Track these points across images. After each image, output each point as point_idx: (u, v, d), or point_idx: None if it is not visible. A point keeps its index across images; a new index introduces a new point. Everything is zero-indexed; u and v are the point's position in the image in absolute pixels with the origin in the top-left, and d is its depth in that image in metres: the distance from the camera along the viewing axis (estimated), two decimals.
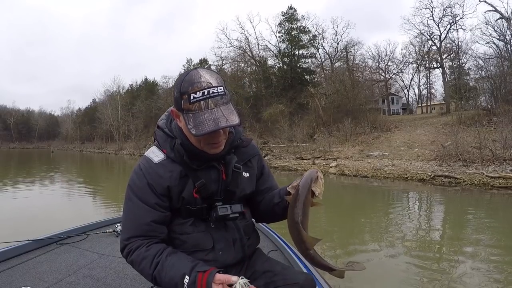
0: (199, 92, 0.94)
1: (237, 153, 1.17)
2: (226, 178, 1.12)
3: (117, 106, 56.58)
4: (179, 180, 1.07)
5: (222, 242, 1.11)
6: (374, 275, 4.13)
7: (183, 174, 1.07)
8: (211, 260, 1.08)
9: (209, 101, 0.94)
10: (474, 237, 5.63)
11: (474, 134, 14.87)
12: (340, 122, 23.23)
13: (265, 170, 1.29)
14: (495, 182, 10.66)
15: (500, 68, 21.24)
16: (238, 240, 1.15)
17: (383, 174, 14.16)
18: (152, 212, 1.04)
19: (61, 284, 1.66)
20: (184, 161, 1.06)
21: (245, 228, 1.19)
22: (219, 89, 0.95)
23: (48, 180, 14.82)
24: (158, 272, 0.99)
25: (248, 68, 36.12)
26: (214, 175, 1.10)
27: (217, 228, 1.12)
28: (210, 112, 0.94)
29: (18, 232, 2.59)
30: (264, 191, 1.26)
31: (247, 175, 1.19)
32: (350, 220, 7.27)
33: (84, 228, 2.61)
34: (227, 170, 1.12)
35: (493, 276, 3.89)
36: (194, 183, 1.07)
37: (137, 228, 1.05)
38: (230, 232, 1.14)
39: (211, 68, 1.08)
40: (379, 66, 37.03)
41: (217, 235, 1.11)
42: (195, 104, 0.94)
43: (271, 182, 1.30)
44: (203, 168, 1.09)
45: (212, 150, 1.05)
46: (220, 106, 0.95)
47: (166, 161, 1.08)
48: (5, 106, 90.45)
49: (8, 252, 1.96)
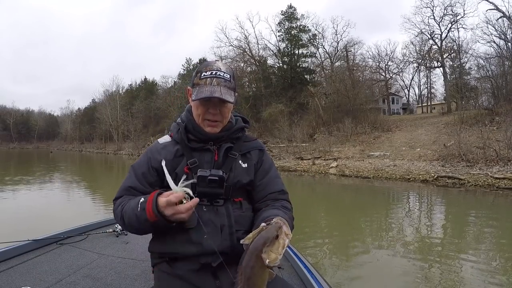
0: (209, 72, 1.15)
1: (237, 144, 1.24)
2: (218, 159, 1.19)
3: (116, 106, 56.62)
4: (175, 158, 1.18)
5: (209, 226, 1.10)
6: (375, 276, 4.12)
7: (180, 154, 1.19)
8: (195, 242, 1.09)
9: (214, 79, 1.13)
10: (475, 239, 5.62)
11: (476, 134, 14.70)
12: (340, 122, 23.22)
13: (265, 166, 1.26)
14: (500, 183, 10.47)
15: (501, 67, 21.23)
16: (226, 226, 1.12)
17: (385, 175, 14.02)
18: (134, 181, 1.19)
19: (61, 284, 1.67)
20: (183, 141, 1.20)
21: (238, 217, 1.16)
22: (225, 75, 1.15)
23: (48, 180, 14.81)
24: (124, 211, 1.11)
25: (248, 67, 36.08)
26: (207, 157, 1.19)
27: (208, 211, 1.13)
28: (211, 87, 1.12)
29: (18, 232, 2.57)
30: (259, 187, 1.22)
31: (244, 165, 1.22)
32: (351, 221, 7.24)
33: (84, 228, 2.61)
34: (219, 152, 1.20)
35: (494, 277, 3.88)
36: (187, 161, 1.17)
37: (121, 192, 1.20)
38: (219, 217, 1.13)
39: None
40: (379, 66, 37.14)
41: (205, 217, 1.11)
42: (203, 80, 1.15)
43: (270, 183, 1.24)
44: (198, 149, 1.19)
45: (208, 128, 1.18)
46: (221, 85, 1.13)
47: (170, 143, 1.24)
48: (5, 106, 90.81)
49: (8, 252, 1.97)
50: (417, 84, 43.69)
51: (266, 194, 1.22)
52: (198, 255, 1.09)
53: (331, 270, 4.29)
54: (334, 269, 4.33)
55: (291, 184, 13.77)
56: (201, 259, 1.09)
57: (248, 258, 0.75)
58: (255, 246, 0.75)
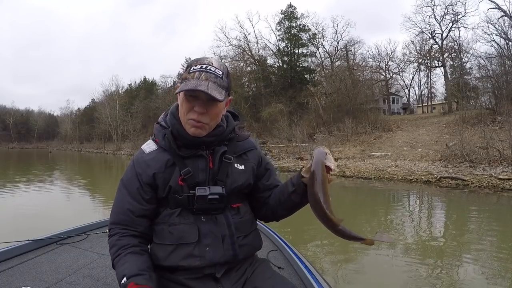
0: (199, 66, 1.05)
1: (230, 146, 1.17)
2: (213, 166, 1.11)
3: (116, 106, 56.62)
4: (166, 168, 1.09)
5: (210, 238, 1.07)
6: (375, 276, 4.10)
7: (171, 163, 1.10)
8: (198, 255, 1.05)
9: (203, 74, 1.03)
10: (476, 241, 5.57)
11: (479, 134, 14.51)
12: (340, 122, 23.21)
13: (269, 166, 1.27)
14: (505, 184, 10.23)
15: (502, 67, 21.21)
16: (227, 236, 1.09)
17: (386, 176, 13.78)
18: (131, 202, 1.09)
19: (61, 284, 1.65)
20: (173, 148, 1.10)
21: (238, 224, 1.13)
22: (217, 71, 1.04)
23: (47, 180, 14.79)
24: (115, 263, 1.04)
25: (247, 67, 36.08)
26: (202, 164, 1.11)
27: (207, 221, 1.08)
28: (198, 81, 1.02)
29: (18, 232, 2.55)
30: (271, 186, 1.23)
31: (241, 167, 1.17)
32: (351, 222, 7.20)
33: (84, 228, 2.60)
34: (214, 159, 1.12)
35: (495, 279, 3.86)
36: (180, 171, 1.08)
37: (118, 216, 1.11)
38: (219, 227, 1.09)
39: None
40: (380, 66, 37.18)
41: (205, 229, 1.07)
42: (191, 74, 1.04)
43: (277, 178, 1.28)
44: (190, 156, 1.10)
45: (192, 130, 1.06)
46: (210, 81, 1.02)
47: (157, 151, 1.13)
48: (4, 106, 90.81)
49: (8, 252, 1.96)
50: (417, 84, 43.78)
51: (270, 183, 1.24)
52: (201, 268, 1.06)
53: (331, 270, 4.27)
54: (334, 269, 4.31)
55: None
56: (205, 271, 1.07)
57: (316, 167, 0.99)
58: (318, 159, 1.00)
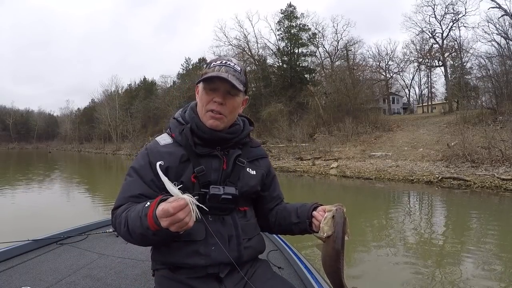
0: (219, 62, 1.11)
1: (244, 150, 1.20)
2: (227, 168, 1.13)
3: (115, 106, 56.61)
4: (180, 164, 1.10)
5: (217, 237, 1.07)
6: (375, 276, 4.10)
7: (185, 159, 1.10)
8: (203, 254, 1.06)
9: (223, 67, 1.08)
10: (478, 241, 5.55)
11: (480, 134, 14.40)
12: (340, 122, 23.18)
13: (276, 177, 1.32)
14: (508, 185, 10.12)
15: (503, 66, 21.20)
16: (234, 237, 1.11)
17: (387, 176, 13.66)
18: (144, 187, 1.08)
19: (61, 284, 1.65)
20: (189, 145, 1.11)
21: (244, 227, 1.15)
22: (236, 66, 1.10)
23: (47, 180, 14.78)
24: (129, 216, 0.98)
25: (247, 67, 36.00)
26: (215, 164, 1.12)
27: (214, 221, 1.10)
28: (219, 72, 1.07)
29: (18, 232, 2.54)
30: (275, 198, 1.29)
31: (253, 172, 1.20)
32: (351, 222, 7.11)
33: (84, 228, 2.60)
34: (228, 160, 1.14)
35: (496, 279, 3.85)
36: (193, 168, 1.09)
37: (127, 199, 1.08)
38: (226, 227, 1.11)
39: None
40: (380, 65, 37.17)
41: (213, 228, 1.07)
42: (211, 68, 1.09)
43: (279, 190, 1.33)
44: (205, 155, 1.12)
45: (210, 121, 1.09)
46: (230, 73, 1.07)
47: (172, 145, 1.13)
48: (4, 106, 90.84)
49: (8, 252, 1.96)
50: (417, 84, 43.79)
51: (278, 200, 1.30)
52: (205, 266, 1.07)
53: None
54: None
55: (291, 185, 13.63)
56: (208, 270, 1.08)
57: (338, 235, 0.99)
58: (340, 232, 1.00)
